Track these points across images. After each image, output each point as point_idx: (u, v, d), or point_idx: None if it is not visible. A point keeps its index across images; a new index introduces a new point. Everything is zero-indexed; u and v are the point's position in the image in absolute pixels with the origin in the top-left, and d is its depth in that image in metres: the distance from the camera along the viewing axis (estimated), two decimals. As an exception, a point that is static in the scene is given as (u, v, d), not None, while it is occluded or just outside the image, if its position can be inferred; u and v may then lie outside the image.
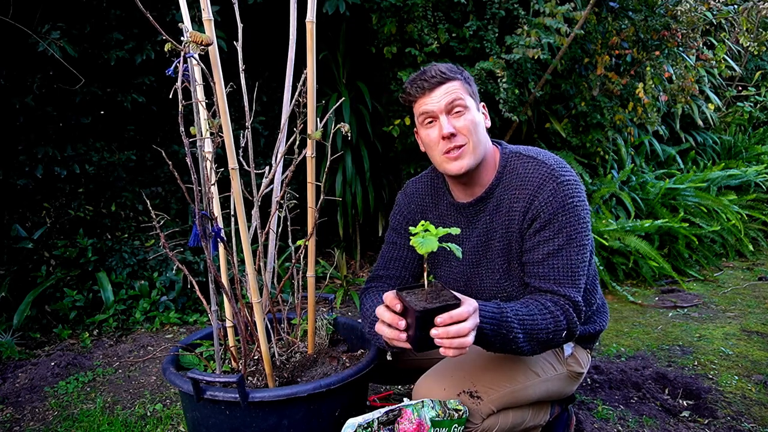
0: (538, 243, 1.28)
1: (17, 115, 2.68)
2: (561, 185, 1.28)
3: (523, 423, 1.37)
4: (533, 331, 1.19)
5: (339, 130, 1.35)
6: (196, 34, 1.06)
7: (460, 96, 1.31)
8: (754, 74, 5.64)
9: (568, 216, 1.27)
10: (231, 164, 1.25)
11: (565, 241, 1.26)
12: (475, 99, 1.36)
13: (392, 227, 1.57)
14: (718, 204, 3.90)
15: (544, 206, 1.28)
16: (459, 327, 1.02)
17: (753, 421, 1.80)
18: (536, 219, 1.29)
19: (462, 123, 1.30)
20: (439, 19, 3.15)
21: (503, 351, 1.21)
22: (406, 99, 1.37)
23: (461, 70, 1.36)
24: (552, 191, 1.28)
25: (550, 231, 1.27)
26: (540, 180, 1.30)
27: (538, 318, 1.20)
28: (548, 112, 3.74)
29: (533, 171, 1.33)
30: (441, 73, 1.31)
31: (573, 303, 1.24)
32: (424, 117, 1.33)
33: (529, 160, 1.36)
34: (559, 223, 1.27)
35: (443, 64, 1.36)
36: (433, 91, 1.31)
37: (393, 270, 1.51)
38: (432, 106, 1.31)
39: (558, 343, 1.25)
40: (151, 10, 1.04)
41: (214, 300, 1.31)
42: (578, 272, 1.27)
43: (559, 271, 1.26)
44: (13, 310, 2.61)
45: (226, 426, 1.27)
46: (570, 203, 1.28)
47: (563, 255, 1.26)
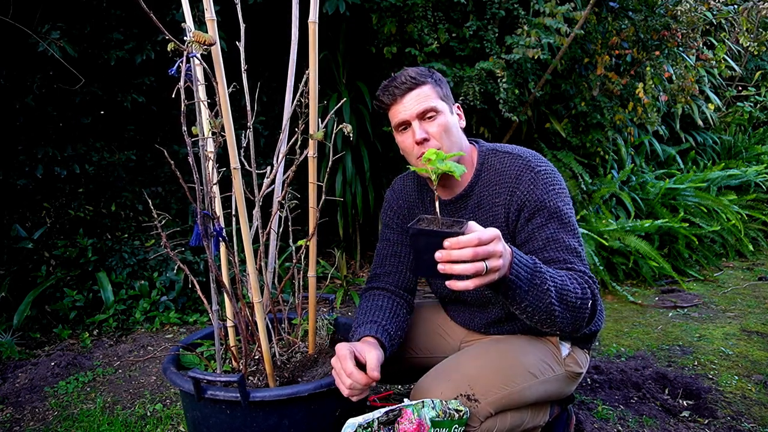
0: (533, 231, 1.29)
1: (17, 115, 2.68)
2: (538, 174, 1.31)
3: (522, 424, 1.37)
4: (563, 290, 1.13)
5: (339, 130, 1.35)
6: (200, 33, 1.06)
7: (431, 102, 1.32)
8: (754, 74, 5.65)
9: (555, 201, 1.29)
10: (233, 164, 1.25)
11: (559, 225, 1.28)
12: (447, 101, 1.37)
13: (384, 224, 1.59)
14: (718, 204, 3.90)
15: (528, 195, 1.29)
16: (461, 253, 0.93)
17: (753, 421, 1.80)
18: (523, 209, 1.30)
19: (435, 128, 1.32)
20: (439, 19, 3.15)
21: (534, 311, 1.11)
22: (379, 106, 1.40)
23: (431, 72, 1.37)
24: (531, 180, 1.30)
25: (542, 218, 1.28)
26: (517, 172, 1.33)
27: (566, 280, 1.16)
28: (548, 112, 3.74)
29: (509, 164, 1.35)
30: (411, 78, 1.33)
31: (590, 277, 1.24)
32: (399, 124, 1.36)
33: (505, 155, 1.38)
34: (547, 210, 1.28)
35: (413, 68, 1.37)
36: (404, 97, 1.33)
37: (389, 266, 1.53)
38: (404, 114, 1.33)
39: (584, 316, 1.19)
40: (151, 11, 1.04)
41: (215, 299, 1.31)
42: (581, 252, 1.28)
43: (564, 252, 1.26)
44: (13, 310, 2.61)
45: (227, 425, 1.27)
46: (552, 190, 1.30)
47: (561, 238, 1.27)
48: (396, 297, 1.47)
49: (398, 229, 1.55)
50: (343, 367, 1.15)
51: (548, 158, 3.72)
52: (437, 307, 1.68)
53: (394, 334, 1.36)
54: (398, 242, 1.54)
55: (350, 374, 1.14)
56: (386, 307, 1.42)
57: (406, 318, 1.47)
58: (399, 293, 1.49)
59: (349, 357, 1.16)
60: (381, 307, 1.41)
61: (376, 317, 1.37)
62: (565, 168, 3.65)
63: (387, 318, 1.38)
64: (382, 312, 1.40)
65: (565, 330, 1.19)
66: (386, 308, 1.42)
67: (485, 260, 0.95)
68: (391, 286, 1.50)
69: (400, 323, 1.42)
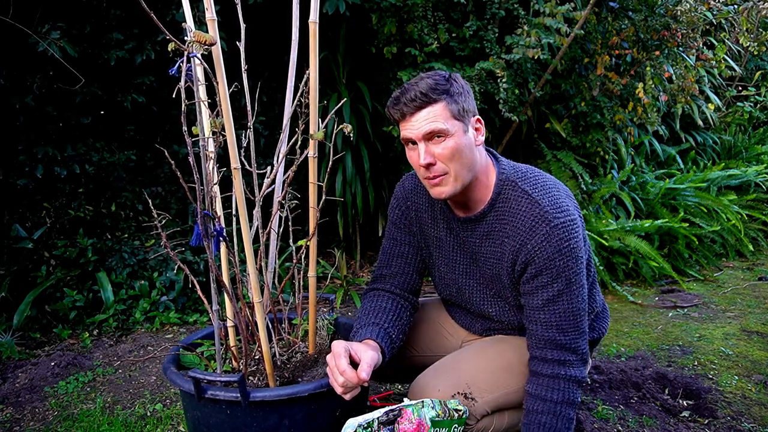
0: (536, 288, 1.25)
1: (17, 115, 2.68)
2: (554, 229, 1.22)
3: (519, 423, 1.37)
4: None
5: (339, 130, 1.35)
6: (200, 33, 1.06)
7: (441, 124, 1.20)
8: (754, 74, 5.65)
9: (565, 260, 1.23)
10: (233, 164, 1.25)
11: (565, 285, 1.23)
12: (463, 118, 1.24)
13: (392, 221, 1.53)
14: (718, 204, 3.90)
15: (538, 251, 1.23)
16: None
17: (753, 421, 1.80)
18: (529, 264, 1.25)
19: (442, 150, 1.21)
20: (439, 19, 3.15)
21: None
22: (389, 118, 1.32)
23: (450, 84, 1.23)
24: (545, 235, 1.22)
25: (547, 277, 1.23)
26: (531, 222, 1.24)
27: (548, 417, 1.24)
28: (548, 112, 3.74)
29: (526, 210, 1.26)
30: (422, 95, 1.20)
31: (578, 355, 1.26)
32: (405, 140, 1.28)
33: (523, 195, 1.28)
34: (556, 269, 1.22)
35: (428, 79, 1.23)
36: (414, 115, 1.22)
37: (396, 267, 1.49)
38: (411, 133, 1.23)
39: (577, 403, 1.29)
40: (151, 10, 1.04)
41: (215, 299, 1.31)
42: (580, 315, 1.25)
43: (561, 316, 1.23)
44: (13, 310, 2.61)
45: (227, 425, 1.27)
46: (566, 246, 1.23)
47: (564, 300, 1.23)
48: (400, 299, 1.46)
49: (405, 228, 1.50)
50: (336, 365, 1.15)
51: (548, 158, 3.74)
52: (439, 306, 1.67)
53: (395, 338, 1.35)
54: (405, 242, 1.50)
55: (343, 372, 1.14)
56: (390, 308, 1.40)
57: (409, 320, 1.46)
58: (404, 295, 1.47)
59: (344, 355, 1.16)
60: (384, 309, 1.40)
61: (378, 319, 1.36)
62: (565, 168, 3.65)
63: (390, 320, 1.37)
64: (386, 314, 1.38)
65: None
66: (389, 310, 1.40)
67: None
68: (397, 288, 1.47)
69: (403, 326, 1.41)
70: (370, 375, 1.15)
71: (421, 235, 1.49)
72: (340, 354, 1.16)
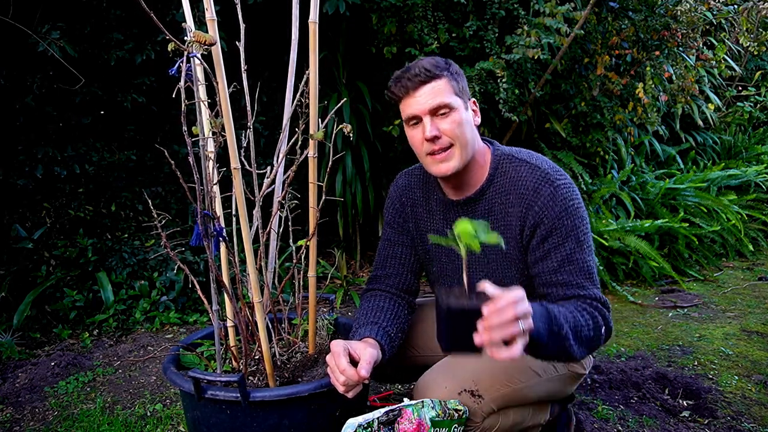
0: (548, 251, 1.26)
1: (17, 115, 2.68)
2: (558, 189, 1.26)
3: (524, 422, 1.37)
4: (577, 328, 1.14)
5: (339, 130, 1.35)
6: (200, 33, 1.06)
7: (445, 98, 1.25)
8: (754, 74, 5.64)
9: (572, 219, 1.25)
10: (233, 164, 1.25)
11: (576, 244, 1.25)
12: (462, 96, 1.30)
13: (386, 222, 1.55)
14: (718, 204, 3.90)
15: (545, 211, 1.25)
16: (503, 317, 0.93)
17: (753, 421, 1.80)
18: (539, 226, 1.26)
19: (447, 125, 1.26)
20: (439, 19, 3.15)
21: (554, 356, 1.15)
22: (391, 97, 1.34)
23: (448, 64, 1.29)
24: (550, 195, 1.26)
25: (558, 237, 1.25)
26: (535, 184, 1.28)
27: (578, 315, 1.17)
28: (548, 112, 3.74)
29: (527, 175, 1.30)
30: (425, 70, 1.25)
31: (601, 302, 1.24)
32: (409, 118, 1.30)
33: (521, 163, 1.33)
34: (565, 228, 1.25)
35: (428, 59, 1.29)
36: (417, 90, 1.25)
37: (390, 268, 1.50)
38: (416, 108, 1.26)
39: (599, 343, 1.22)
40: (151, 10, 1.04)
41: (215, 299, 1.31)
42: (594, 271, 1.27)
43: (578, 275, 1.24)
44: (13, 310, 2.61)
45: (227, 425, 1.27)
46: (571, 206, 1.26)
47: (577, 258, 1.24)
48: (397, 298, 1.47)
49: (399, 228, 1.52)
50: (336, 364, 1.15)
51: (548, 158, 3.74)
52: None
53: (394, 336, 1.36)
54: (399, 242, 1.52)
55: (343, 371, 1.14)
56: (387, 308, 1.41)
57: (407, 319, 1.46)
58: (400, 295, 1.48)
59: (343, 354, 1.16)
60: (382, 308, 1.41)
61: (376, 318, 1.37)
62: (565, 168, 3.65)
63: (388, 319, 1.37)
64: (383, 313, 1.39)
65: (579, 358, 1.19)
66: (387, 309, 1.41)
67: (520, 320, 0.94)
68: (392, 288, 1.49)
69: (401, 324, 1.42)
70: (370, 372, 1.15)
71: (417, 231, 1.49)
72: (340, 353, 1.16)
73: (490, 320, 0.93)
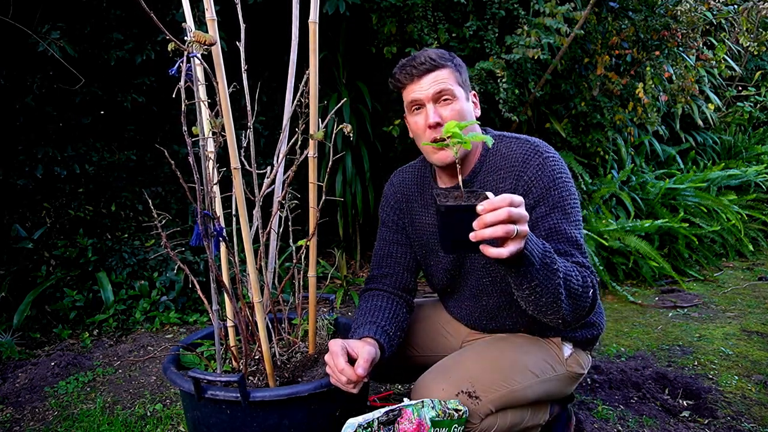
0: (536, 221, 1.27)
1: (17, 115, 2.68)
2: (546, 160, 1.28)
3: (522, 423, 1.37)
4: (568, 275, 1.12)
5: (339, 130, 1.35)
6: (200, 33, 1.06)
7: (449, 85, 1.29)
8: (754, 74, 5.64)
9: (560, 191, 1.26)
10: (233, 164, 1.25)
11: (562, 216, 1.26)
12: (464, 88, 1.34)
13: (382, 221, 1.57)
14: (718, 204, 3.90)
15: (534, 181, 1.27)
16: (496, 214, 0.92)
17: (753, 421, 1.80)
18: (527, 195, 1.27)
19: (449, 113, 1.29)
20: (439, 19, 3.15)
21: (542, 293, 1.08)
22: (395, 85, 1.37)
23: (453, 56, 1.34)
24: (539, 165, 1.28)
25: (546, 207, 1.26)
26: (524, 156, 1.30)
27: (569, 266, 1.15)
28: (548, 112, 3.74)
29: (516, 148, 1.33)
30: (431, 59, 1.30)
31: (589, 269, 1.22)
32: (412, 104, 1.33)
33: (512, 140, 1.36)
34: (552, 198, 1.26)
35: (434, 50, 1.34)
36: (422, 78, 1.30)
37: (386, 267, 1.51)
38: (419, 94, 1.30)
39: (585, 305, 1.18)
40: (151, 11, 1.04)
41: (215, 299, 1.31)
42: (582, 243, 1.27)
43: (566, 243, 1.24)
44: (13, 310, 2.61)
45: (227, 425, 1.27)
46: (559, 178, 1.27)
47: (564, 229, 1.25)
48: (395, 297, 1.47)
49: (395, 227, 1.53)
50: (335, 364, 1.16)
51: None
52: (438, 305, 1.67)
53: (393, 335, 1.36)
54: (395, 241, 1.53)
55: (341, 371, 1.14)
56: (385, 307, 1.42)
57: (406, 318, 1.46)
58: (398, 294, 1.49)
59: (341, 353, 1.16)
60: (380, 308, 1.41)
61: (375, 318, 1.37)
62: (565, 168, 3.65)
63: (386, 318, 1.38)
64: (381, 312, 1.39)
65: (566, 318, 1.15)
66: (385, 308, 1.41)
67: (516, 223, 0.94)
68: (390, 287, 1.49)
69: (400, 323, 1.42)
70: (369, 371, 1.15)
71: (413, 228, 1.50)
72: (337, 353, 1.16)
73: (485, 217, 0.93)
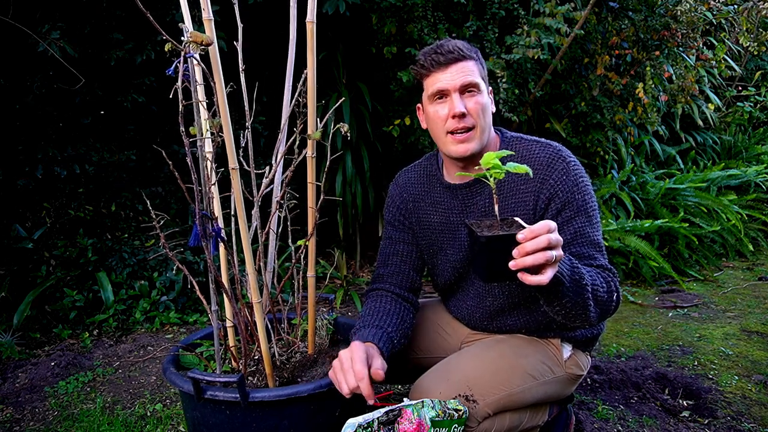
0: (562, 224, 1.27)
1: (17, 115, 2.68)
2: (569, 165, 1.30)
3: (521, 425, 1.36)
4: (594, 286, 1.15)
5: (339, 130, 1.35)
6: (197, 34, 1.06)
7: (475, 78, 1.30)
8: (754, 74, 5.64)
9: (583, 195, 1.28)
10: (231, 164, 1.25)
11: (586, 219, 1.28)
12: (486, 82, 1.35)
13: (387, 221, 1.56)
14: (718, 204, 3.90)
15: (560, 185, 1.28)
16: (537, 242, 0.94)
17: (753, 421, 1.80)
18: (552, 199, 1.28)
19: (473, 105, 1.29)
20: (439, 19, 3.15)
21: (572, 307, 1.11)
22: (418, 72, 1.35)
23: (476, 50, 1.35)
24: (563, 170, 1.29)
25: (571, 211, 1.28)
26: (548, 160, 1.31)
27: (594, 275, 1.17)
28: (548, 112, 3.74)
29: (539, 152, 1.33)
30: (459, 49, 1.29)
31: (612, 271, 1.25)
32: (436, 93, 1.31)
33: (532, 142, 1.37)
34: (576, 203, 1.27)
35: (459, 40, 1.33)
36: (449, 67, 1.29)
37: (392, 266, 1.50)
38: (446, 83, 1.29)
39: (609, 309, 1.22)
40: (150, 11, 1.04)
41: (214, 300, 1.31)
42: (603, 246, 1.30)
43: (590, 247, 1.27)
44: (13, 310, 2.61)
45: (227, 426, 1.27)
46: (581, 182, 1.29)
47: (588, 233, 1.27)
48: (402, 300, 1.45)
49: (400, 225, 1.52)
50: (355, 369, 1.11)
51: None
52: (439, 306, 1.66)
53: (397, 342, 1.34)
54: (400, 240, 1.51)
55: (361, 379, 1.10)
56: (393, 311, 1.39)
57: (411, 323, 1.45)
58: (404, 295, 1.47)
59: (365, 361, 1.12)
60: (388, 312, 1.38)
61: (382, 322, 1.34)
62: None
63: (393, 324, 1.35)
64: (389, 317, 1.37)
65: (592, 322, 1.18)
66: (394, 313, 1.39)
67: (553, 249, 0.95)
68: (396, 287, 1.47)
69: (405, 330, 1.40)
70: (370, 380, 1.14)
71: (419, 227, 1.49)
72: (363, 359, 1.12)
73: (525, 245, 0.94)
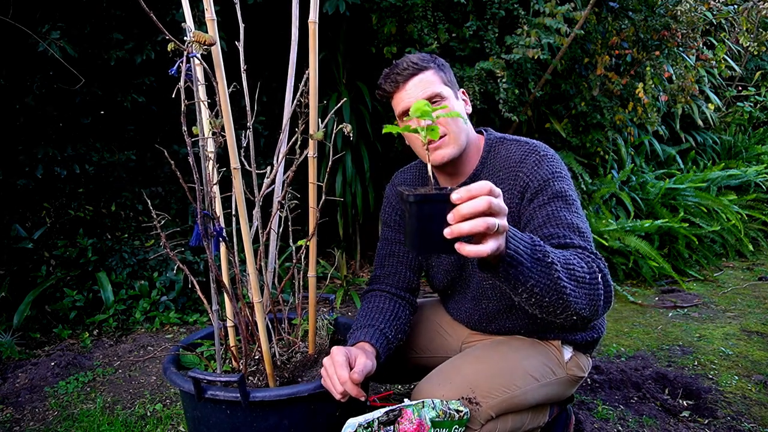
0: (534, 210, 1.25)
1: (17, 115, 2.68)
2: (543, 158, 1.29)
3: (522, 426, 1.36)
4: (568, 265, 1.02)
5: (340, 130, 1.35)
6: (200, 34, 1.06)
7: (436, 88, 1.30)
8: (754, 74, 5.65)
9: (560, 183, 1.26)
10: (233, 164, 1.25)
11: (563, 204, 1.23)
12: (452, 86, 1.35)
13: (384, 222, 1.56)
14: (718, 204, 3.90)
15: (531, 175, 1.27)
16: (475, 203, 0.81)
17: (753, 421, 1.80)
18: (526, 190, 1.28)
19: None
20: (439, 19, 3.15)
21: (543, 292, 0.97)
22: (382, 96, 1.37)
23: (434, 57, 1.35)
24: (535, 162, 1.29)
25: (544, 197, 1.25)
26: (522, 156, 1.31)
27: (568, 255, 1.05)
28: (548, 112, 3.74)
29: (515, 150, 1.34)
30: (413, 64, 1.30)
31: (593, 252, 1.14)
32: (402, 113, 1.33)
33: (512, 143, 1.37)
34: (551, 190, 1.25)
35: (415, 54, 1.34)
36: (407, 83, 1.30)
37: (389, 267, 1.51)
38: (407, 101, 1.31)
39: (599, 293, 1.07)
40: (151, 11, 1.04)
41: (215, 300, 1.31)
42: (584, 230, 1.20)
43: (565, 228, 1.18)
44: (13, 310, 2.61)
45: (227, 425, 1.27)
46: (558, 172, 1.28)
47: (563, 216, 1.21)
48: (397, 298, 1.46)
49: (396, 226, 1.53)
50: (337, 374, 1.13)
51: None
52: (438, 305, 1.67)
53: (392, 338, 1.35)
54: (397, 240, 1.52)
55: (344, 382, 1.12)
56: (386, 308, 1.41)
57: (408, 319, 1.46)
58: (400, 294, 1.48)
59: (345, 365, 1.14)
60: (380, 310, 1.40)
61: (374, 321, 1.36)
62: (565, 168, 3.65)
63: (386, 320, 1.36)
64: (381, 314, 1.38)
65: (581, 313, 1.04)
66: (386, 310, 1.40)
67: (496, 216, 0.83)
68: (392, 287, 1.48)
69: (401, 326, 1.41)
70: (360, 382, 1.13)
71: None
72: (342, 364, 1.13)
73: (461, 207, 0.81)
